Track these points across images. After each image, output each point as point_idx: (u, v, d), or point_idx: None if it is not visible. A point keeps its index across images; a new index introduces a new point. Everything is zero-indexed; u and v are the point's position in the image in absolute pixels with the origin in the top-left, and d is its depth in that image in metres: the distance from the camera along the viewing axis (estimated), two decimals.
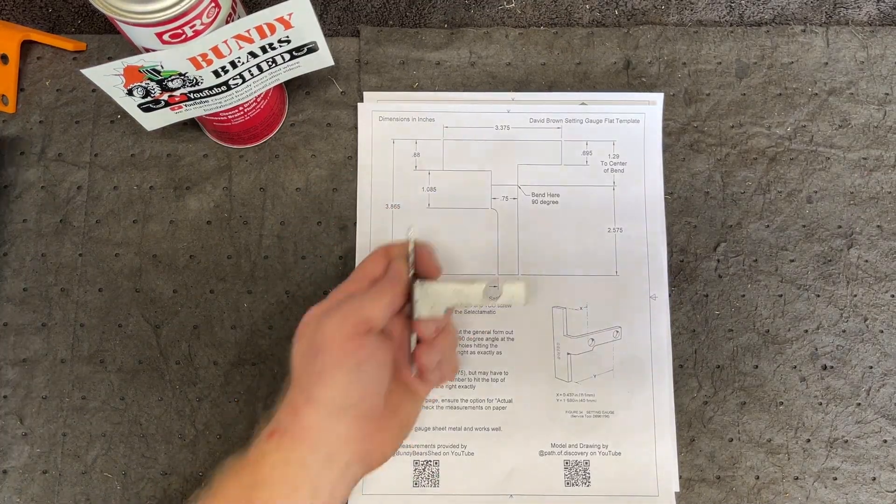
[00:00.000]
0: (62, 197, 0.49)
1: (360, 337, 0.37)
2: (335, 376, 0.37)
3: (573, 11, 0.53)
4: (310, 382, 0.37)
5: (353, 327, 0.37)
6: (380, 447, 0.40)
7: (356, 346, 0.37)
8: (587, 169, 0.50)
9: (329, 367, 0.37)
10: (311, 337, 0.38)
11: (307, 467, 0.36)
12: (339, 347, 0.37)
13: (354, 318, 0.37)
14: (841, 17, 0.52)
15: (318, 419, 0.37)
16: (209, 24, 0.37)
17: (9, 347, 0.47)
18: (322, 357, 0.37)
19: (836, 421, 0.47)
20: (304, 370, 0.38)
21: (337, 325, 0.37)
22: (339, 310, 0.38)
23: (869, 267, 0.49)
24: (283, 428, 0.37)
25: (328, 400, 0.37)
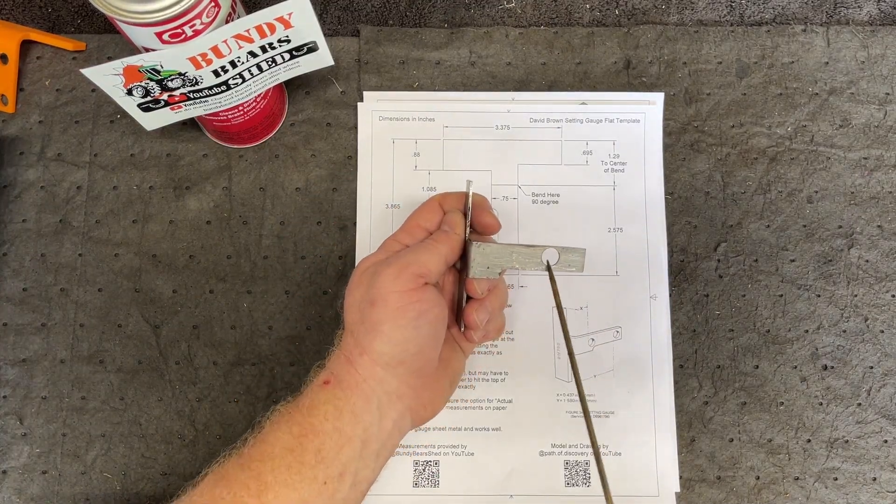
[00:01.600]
0: (62, 197, 0.49)
1: (418, 290, 0.37)
2: (392, 329, 0.36)
3: (573, 11, 0.53)
4: (365, 334, 0.37)
5: (411, 279, 0.36)
6: (430, 402, 0.40)
7: (414, 298, 0.36)
8: (587, 169, 0.50)
9: (385, 319, 0.36)
10: (367, 287, 0.37)
11: (359, 418, 0.36)
12: (397, 300, 0.36)
13: (412, 270, 0.37)
14: (841, 16, 0.52)
15: (372, 371, 0.36)
16: (209, 23, 0.37)
17: (8, 347, 0.47)
18: (378, 309, 0.36)
19: (837, 421, 0.47)
20: (359, 321, 0.37)
21: (394, 276, 0.36)
22: (396, 261, 0.37)
23: (869, 267, 0.49)
24: (337, 377, 0.37)
25: (384, 353, 0.36)
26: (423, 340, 0.37)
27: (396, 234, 0.41)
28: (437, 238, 0.39)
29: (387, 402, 0.37)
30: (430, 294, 0.37)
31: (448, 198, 0.42)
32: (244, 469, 0.35)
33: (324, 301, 0.48)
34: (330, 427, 0.36)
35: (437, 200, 0.42)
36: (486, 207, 0.42)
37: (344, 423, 0.36)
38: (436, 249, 0.38)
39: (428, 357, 0.38)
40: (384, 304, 0.36)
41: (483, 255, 0.39)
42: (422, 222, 0.41)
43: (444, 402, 0.41)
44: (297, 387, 0.47)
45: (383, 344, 0.36)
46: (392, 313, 0.36)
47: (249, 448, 0.36)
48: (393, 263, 0.37)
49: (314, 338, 0.48)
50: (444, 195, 0.42)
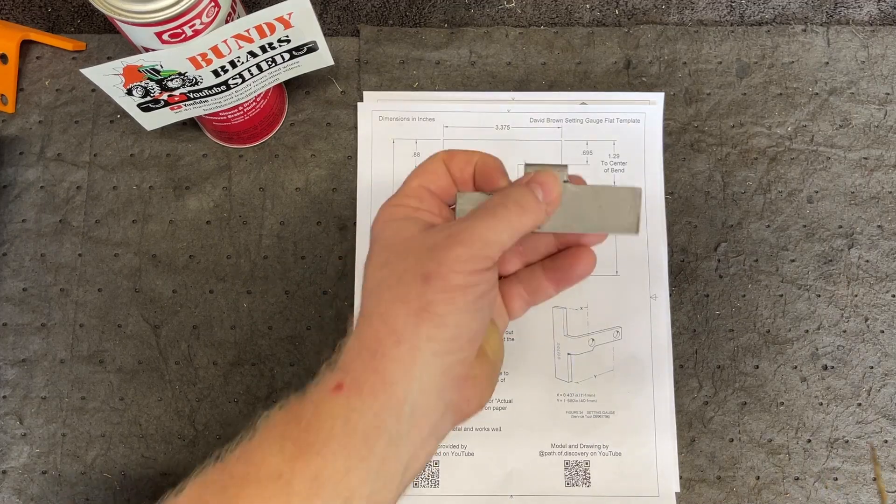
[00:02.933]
0: (61, 197, 0.49)
1: (486, 272, 0.30)
2: (448, 311, 0.29)
3: (573, 11, 0.53)
4: (409, 315, 0.29)
5: (483, 261, 0.30)
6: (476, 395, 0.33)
7: (479, 280, 0.30)
8: (587, 169, 0.50)
9: (441, 299, 0.29)
10: (417, 259, 0.30)
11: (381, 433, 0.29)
12: (460, 280, 0.29)
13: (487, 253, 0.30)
14: (842, 16, 0.52)
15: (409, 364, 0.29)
16: (209, 23, 0.37)
17: (8, 347, 0.47)
18: (434, 285, 0.29)
19: (837, 421, 0.47)
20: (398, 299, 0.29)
21: (466, 256, 0.29)
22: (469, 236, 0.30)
23: (870, 267, 0.49)
24: (354, 379, 0.29)
25: (433, 338, 0.29)
26: (478, 326, 0.31)
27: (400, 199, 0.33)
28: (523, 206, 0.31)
29: (423, 402, 0.29)
30: (492, 278, 0.31)
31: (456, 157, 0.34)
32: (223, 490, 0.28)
33: (324, 301, 0.48)
34: (336, 447, 0.28)
35: (441, 160, 0.34)
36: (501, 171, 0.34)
37: (356, 440, 0.28)
38: (519, 224, 0.31)
39: (475, 347, 0.31)
40: (443, 281, 0.29)
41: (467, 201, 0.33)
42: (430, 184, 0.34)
43: (490, 394, 0.34)
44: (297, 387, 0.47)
45: (434, 328, 0.29)
46: (451, 293, 0.29)
47: (235, 461, 0.29)
48: (464, 241, 0.29)
49: (314, 338, 0.48)
50: (449, 154, 0.34)
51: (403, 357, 0.29)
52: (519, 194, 0.31)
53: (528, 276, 0.36)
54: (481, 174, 0.34)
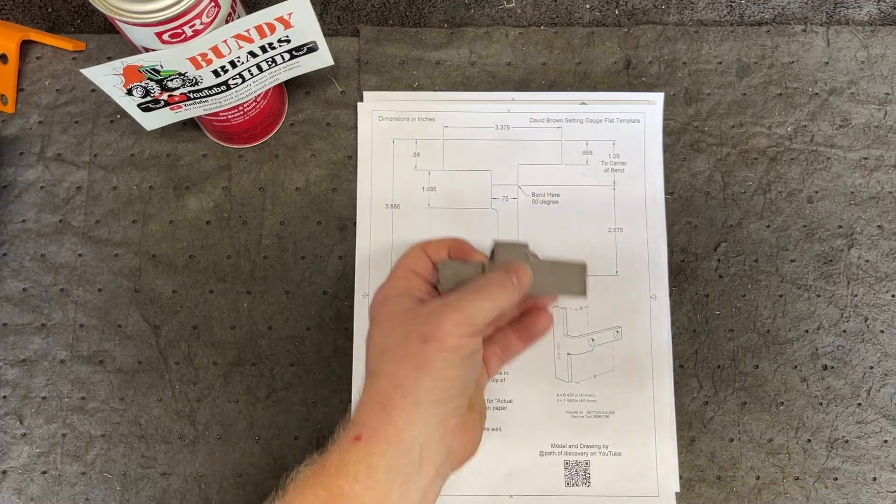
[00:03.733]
0: (61, 197, 0.49)
1: (474, 337, 0.36)
2: (444, 367, 0.34)
3: (573, 11, 0.53)
4: (411, 370, 0.34)
5: (471, 329, 0.35)
6: (469, 441, 0.38)
7: (468, 343, 0.35)
8: (587, 169, 0.50)
9: (438, 357, 0.34)
10: (416, 325, 0.35)
11: (396, 473, 0.33)
12: (454, 341, 0.35)
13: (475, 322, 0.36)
14: (841, 16, 0.52)
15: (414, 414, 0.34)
16: (209, 23, 0.37)
17: (8, 347, 0.47)
18: (431, 346, 0.34)
19: (837, 421, 0.47)
20: (401, 359, 0.35)
21: (457, 322, 0.35)
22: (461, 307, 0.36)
23: (869, 267, 0.49)
24: (370, 430, 0.34)
25: (432, 390, 0.34)
26: (468, 379, 0.36)
27: (392, 281, 0.39)
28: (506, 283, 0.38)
29: (428, 446, 0.34)
30: (479, 338, 0.37)
31: (431, 245, 0.40)
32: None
33: (324, 301, 0.48)
34: (362, 488, 0.33)
35: (420, 248, 0.40)
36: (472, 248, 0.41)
37: (378, 481, 0.33)
38: (500, 300, 0.37)
39: (466, 398, 0.37)
40: (439, 342, 0.34)
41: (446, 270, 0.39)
42: (414, 267, 0.40)
43: (479, 441, 0.39)
44: (297, 387, 0.47)
45: (433, 380, 0.34)
46: (447, 352, 0.34)
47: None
48: (458, 310, 0.35)
49: (314, 338, 0.48)
50: (426, 243, 0.41)
51: (409, 407, 0.34)
52: (500, 279, 0.38)
53: (500, 338, 0.42)
54: (456, 253, 0.40)
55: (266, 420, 0.47)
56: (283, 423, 0.47)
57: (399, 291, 0.38)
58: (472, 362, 0.36)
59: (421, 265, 0.40)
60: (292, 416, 0.47)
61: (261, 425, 0.47)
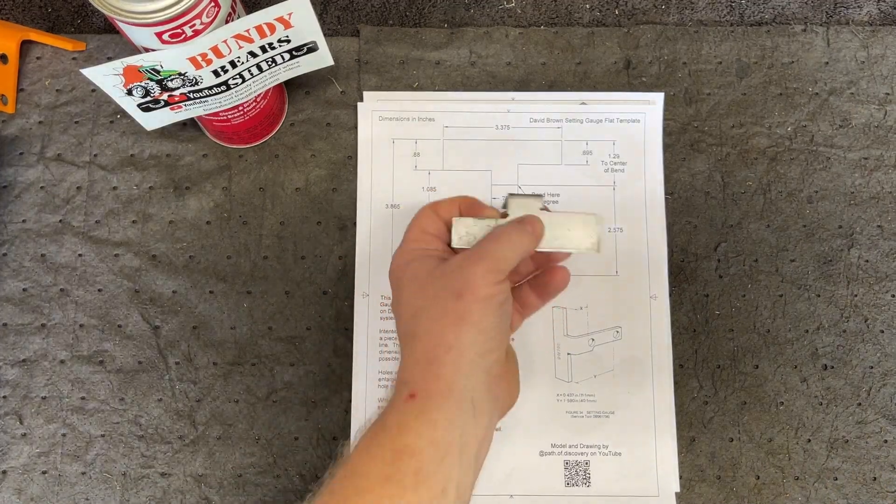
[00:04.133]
0: (61, 197, 0.49)
1: (503, 284, 0.36)
2: (482, 317, 0.35)
3: (573, 11, 0.53)
4: (450, 326, 0.35)
5: (500, 274, 0.36)
6: (511, 389, 0.39)
7: (499, 291, 0.36)
8: (587, 169, 0.50)
9: (475, 309, 0.35)
10: (447, 280, 0.36)
11: (455, 425, 0.34)
12: (486, 290, 0.35)
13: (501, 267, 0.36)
14: (841, 16, 0.52)
15: (460, 368, 0.35)
16: (209, 23, 0.37)
17: (8, 348, 0.47)
18: (466, 299, 0.35)
19: (837, 421, 0.47)
20: (440, 314, 0.36)
21: (485, 271, 0.36)
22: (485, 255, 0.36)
23: (869, 267, 0.49)
24: (422, 387, 0.35)
25: (475, 342, 0.35)
26: (505, 327, 0.37)
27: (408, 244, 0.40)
28: (523, 230, 0.38)
29: (479, 397, 0.35)
30: (507, 284, 0.37)
31: (441, 206, 0.41)
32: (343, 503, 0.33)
33: (324, 301, 0.48)
34: (426, 443, 0.33)
35: (430, 208, 0.41)
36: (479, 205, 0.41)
37: (440, 434, 0.34)
38: (521, 246, 0.38)
39: (506, 345, 0.38)
40: (473, 294, 0.35)
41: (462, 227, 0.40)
42: (428, 229, 0.40)
43: (518, 390, 0.40)
44: (297, 387, 0.47)
45: (475, 333, 0.35)
46: (482, 302, 0.35)
47: (340, 483, 0.34)
48: (484, 258, 0.36)
49: (314, 338, 0.48)
50: (435, 204, 0.41)
51: (455, 361, 0.35)
52: (517, 226, 0.39)
53: (519, 294, 0.43)
54: (467, 211, 0.40)
55: (266, 420, 0.47)
56: (283, 423, 0.47)
57: (417, 255, 0.39)
58: (505, 310, 0.37)
59: (434, 226, 0.40)
60: (292, 416, 0.47)
61: (261, 425, 0.47)
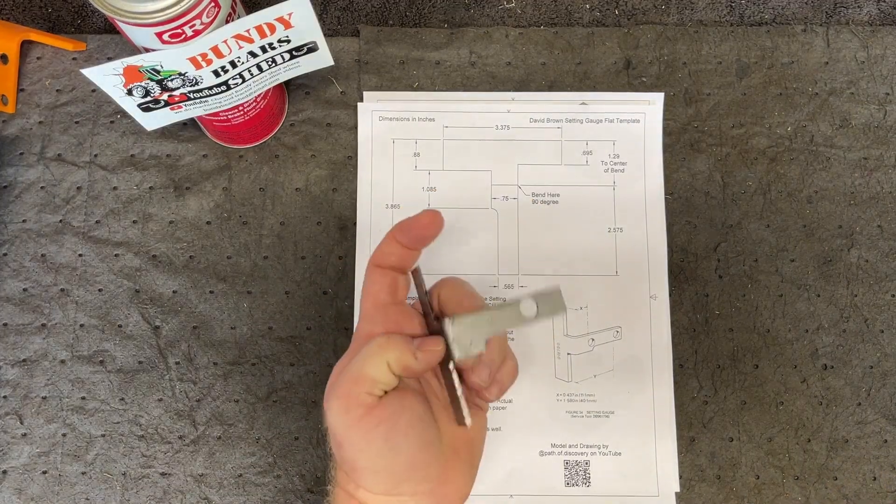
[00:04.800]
0: (62, 197, 0.49)
1: (373, 409, 0.32)
2: (368, 462, 0.32)
3: (573, 11, 0.53)
4: (350, 471, 0.33)
5: (360, 404, 0.32)
6: (455, 490, 0.35)
7: (374, 422, 0.32)
8: (587, 169, 0.50)
9: (358, 456, 0.32)
10: (330, 426, 0.33)
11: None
12: (357, 434, 0.32)
13: (358, 391, 0.32)
14: (841, 16, 0.52)
15: (375, 499, 0.33)
16: (209, 23, 0.37)
17: (8, 348, 0.47)
18: (346, 449, 0.32)
19: (837, 421, 0.47)
20: (340, 458, 0.34)
21: (342, 410, 0.32)
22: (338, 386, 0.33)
23: (869, 267, 0.49)
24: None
25: (377, 483, 0.33)
26: (411, 451, 0.33)
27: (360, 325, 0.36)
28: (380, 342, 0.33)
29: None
30: (391, 404, 0.33)
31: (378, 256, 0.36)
32: None
33: (324, 301, 0.48)
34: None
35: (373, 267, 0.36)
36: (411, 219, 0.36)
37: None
38: (381, 356, 0.33)
39: (426, 459, 0.33)
40: (349, 443, 0.32)
41: (460, 333, 0.34)
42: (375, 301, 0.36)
43: (471, 483, 0.36)
44: (297, 387, 0.47)
45: (370, 476, 0.33)
46: (361, 449, 0.32)
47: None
48: (336, 391, 0.33)
49: (314, 338, 0.48)
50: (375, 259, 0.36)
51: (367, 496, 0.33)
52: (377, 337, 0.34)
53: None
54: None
55: (266, 420, 0.47)
56: (283, 423, 0.47)
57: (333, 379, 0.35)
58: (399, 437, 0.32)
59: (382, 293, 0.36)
60: (292, 416, 0.47)
61: (261, 425, 0.47)
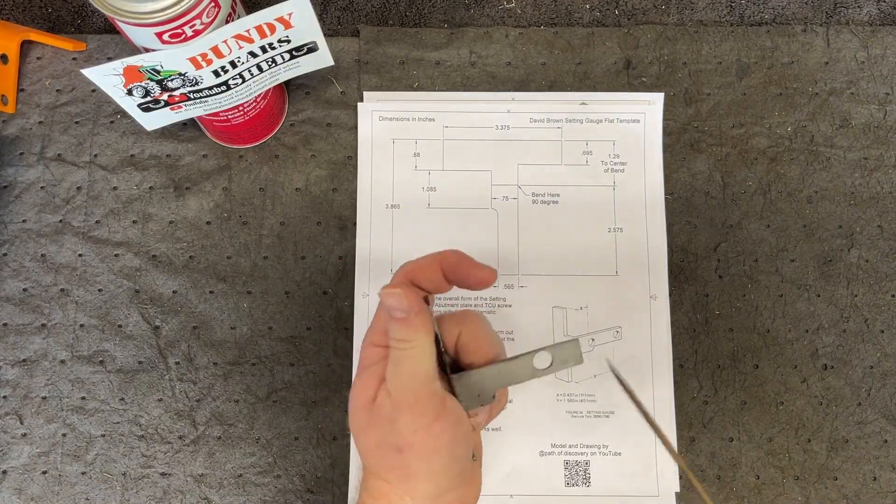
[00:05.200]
0: (62, 197, 0.49)
1: (441, 417, 0.33)
2: (429, 471, 0.33)
3: (573, 11, 0.53)
4: (401, 479, 0.33)
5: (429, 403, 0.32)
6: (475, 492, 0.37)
7: (440, 430, 0.33)
8: (587, 169, 0.50)
9: (420, 464, 0.33)
10: (384, 432, 0.33)
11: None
12: (425, 440, 0.32)
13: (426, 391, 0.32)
14: (841, 16, 0.52)
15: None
16: (209, 23, 0.37)
17: (8, 348, 0.47)
18: (408, 455, 0.33)
19: (837, 421, 0.47)
20: (388, 467, 0.34)
21: (411, 414, 0.32)
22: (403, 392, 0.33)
23: (869, 267, 0.49)
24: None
25: (429, 491, 0.33)
26: (459, 464, 0.34)
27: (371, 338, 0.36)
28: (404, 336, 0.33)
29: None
30: (452, 413, 0.33)
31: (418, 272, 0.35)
32: None
33: (324, 301, 0.48)
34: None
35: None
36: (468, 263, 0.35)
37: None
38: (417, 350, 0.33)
39: (467, 469, 0.35)
40: (413, 450, 0.32)
41: (466, 386, 0.35)
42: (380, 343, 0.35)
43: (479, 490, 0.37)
44: (296, 386, 0.47)
45: (425, 486, 0.33)
46: (426, 456, 0.33)
47: None
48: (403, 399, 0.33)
49: (314, 338, 0.48)
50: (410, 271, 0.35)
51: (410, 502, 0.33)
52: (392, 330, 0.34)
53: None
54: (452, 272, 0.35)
55: (266, 420, 0.47)
56: (283, 423, 0.47)
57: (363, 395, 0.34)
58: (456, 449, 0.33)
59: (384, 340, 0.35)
60: (292, 416, 0.47)
61: (261, 425, 0.47)
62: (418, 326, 0.33)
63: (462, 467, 0.34)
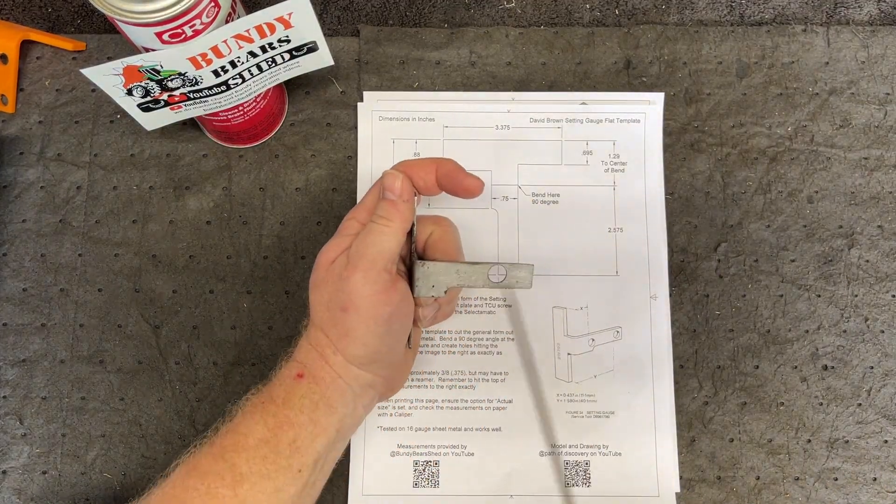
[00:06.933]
0: (61, 197, 0.49)
1: (389, 290, 0.36)
2: (366, 335, 0.36)
3: (573, 11, 0.53)
4: (339, 338, 0.37)
5: (380, 277, 0.36)
6: (398, 382, 0.42)
7: (384, 300, 0.36)
8: (587, 169, 0.50)
9: (359, 325, 0.36)
10: (334, 290, 0.36)
11: (334, 410, 0.37)
12: (369, 305, 0.36)
13: (380, 266, 0.36)
14: (842, 16, 0.52)
15: (346, 369, 0.37)
16: (209, 23, 0.37)
17: (8, 348, 0.47)
18: (351, 315, 0.36)
19: (837, 421, 0.47)
20: (330, 323, 0.37)
21: (363, 280, 0.36)
22: (360, 259, 0.36)
23: (870, 267, 0.49)
24: (310, 371, 0.37)
25: (358, 355, 0.37)
26: (395, 338, 0.38)
27: (355, 213, 0.39)
28: (387, 214, 0.37)
29: (360, 392, 0.38)
30: (399, 291, 0.37)
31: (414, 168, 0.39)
32: (217, 460, 0.36)
33: None
34: (305, 419, 0.36)
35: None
36: (461, 172, 0.39)
37: (319, 414, 0.37)
38: (391, 230, 0.37)
39: (399, 350, 0.39)
40: (356, 311, 0.36)
41: (426, 275, 0.39)
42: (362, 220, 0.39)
43: (406, 378, 0.43)
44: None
45: (358, 348, 0.37)
46: (365, 320, 0.36)
47: (222, 438, 0.36)
48: (359, 264, 0.36)
49: None
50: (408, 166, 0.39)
51: (341, 363, 0.37)
52: (381, 204, 0.38)
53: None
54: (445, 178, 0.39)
55: None
56: None
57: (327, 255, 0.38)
58: (395, 323, 0.37)
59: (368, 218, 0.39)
60: None
61: None
62: (402, 212, 0.37)
63: (394, 344, 0.38)
